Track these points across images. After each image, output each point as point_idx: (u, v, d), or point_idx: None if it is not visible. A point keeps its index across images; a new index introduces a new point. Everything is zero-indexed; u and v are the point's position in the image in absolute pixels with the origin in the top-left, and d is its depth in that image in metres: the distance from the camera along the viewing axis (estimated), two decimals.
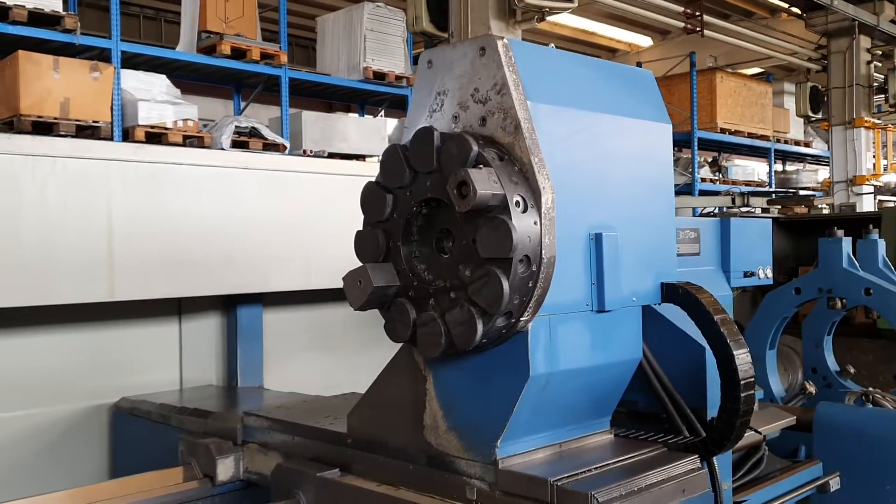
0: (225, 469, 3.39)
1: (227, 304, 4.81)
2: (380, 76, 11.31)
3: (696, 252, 4.60)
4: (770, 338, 6.42)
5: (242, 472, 3.43)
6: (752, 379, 2.78)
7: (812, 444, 5.00)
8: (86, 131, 8.35)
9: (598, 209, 2.69)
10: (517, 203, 2.33)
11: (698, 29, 13.68)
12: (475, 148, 2.36)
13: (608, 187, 2.73)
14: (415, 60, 11.79)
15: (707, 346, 2.91)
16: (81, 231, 3.82)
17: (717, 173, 16.03)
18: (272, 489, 3.13)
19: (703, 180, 15.13)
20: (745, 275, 4.89)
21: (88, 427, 4.22)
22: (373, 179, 2.67)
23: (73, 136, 8.23)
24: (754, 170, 17.66)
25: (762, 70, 21.07)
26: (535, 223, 2.36)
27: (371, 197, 2.64)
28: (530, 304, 2.40)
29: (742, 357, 2.77)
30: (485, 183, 2.28)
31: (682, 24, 13.83)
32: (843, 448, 4.83)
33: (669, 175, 2.99)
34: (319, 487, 2.92)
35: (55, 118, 8.23)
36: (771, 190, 14.58)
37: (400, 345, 2.81)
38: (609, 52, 23.16)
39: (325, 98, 12.45)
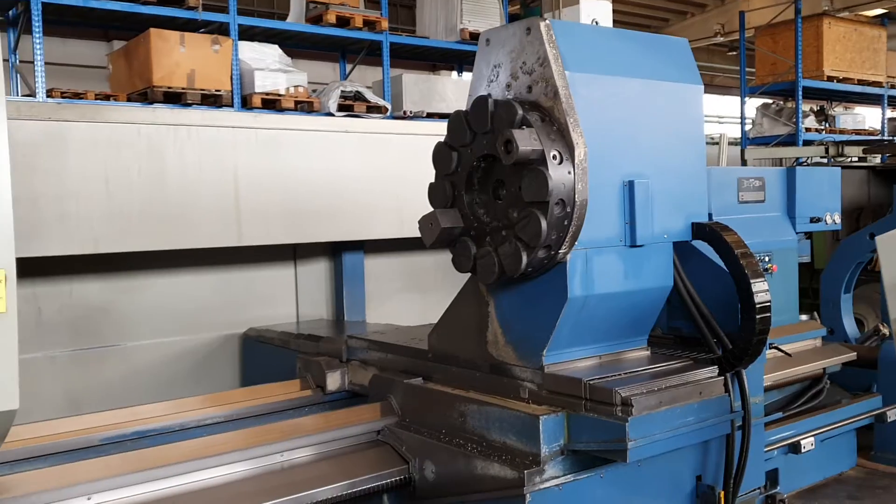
0: (333, 381, 4.14)
1: (334, 251, 5.59)
2: (476, 37, 11.71)
3: (762, 199, 5.00)
4: (845, 282, 6.62)
5: (347, 384, 4.18)
6: (768, 304, 3.23)
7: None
8: (209, 99, 9.22)
9: (632, 160, 3.19)
10: (554, 157, 2.88)
11: None
12: (520, 112, 2.92)
13: (641, 141, 3.23)
14: (510, 19, 12.16)
15: None
16: (214, 188, 4.62)
17: (823, 122, 15.64)
18: (370, 395, 3.86)
19: (808, 130, 14.81)
20: (812, 220, 5.24)
21: (224, 351, 5.13)
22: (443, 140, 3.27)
23: (198, 105, 9.14)
24: (865, 118, 17.08)
25: (886, 10, 20.11)
26: (570, 172, 2.90)
27: (440, 154, 3.26)
28: (566, 239, 2.96)
29: (759, 286, 3.22)
30: (526, 141, 2.84)
31: None
32: None
33: (700, 129, 3.44)
34: (407, 392, 3.61)
35: (183, 88, 9.13)
36: (866, 139, 14.15)
37: (466, 279, 3.43)
38: None
39: (425, 59, 12.99)
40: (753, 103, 15.15)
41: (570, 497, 3.01)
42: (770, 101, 15.32)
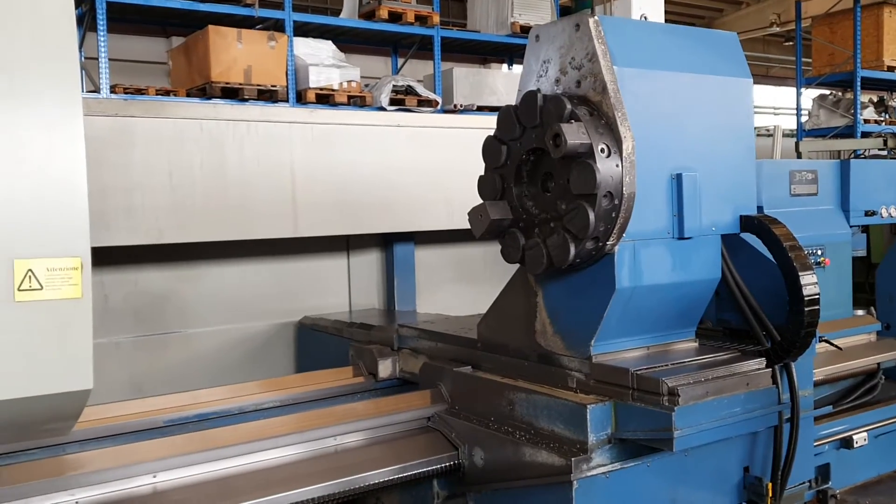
0: (385, 368, 4.26)
1: (386, 242, 5.72)
2: (527, 30, 11.74)
3: (814, 192, 4.97)
4: None
5: (398, 372, 4.29)
6: (817, 297, 3.24)
7: None
8: (265, 94, 9.44)
9: (680, 153, 3.23)
10: (602, 150, 2.93)
11: None
12: (569, 106, 2.97)
13: (689, 135, 3.26)
14: (561, 12, 12.14)
15: None
16: (271, 181, 4.78)
17: (882, 114, 15.26)
18: (420, 382, 3.96)
19: (867, 121, 14.47)
20: (867, 214, 5.19)
21: (279, 338, 5.30)
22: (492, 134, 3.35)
23: (254, 100, 9.37)
24: None
25: None
26: (617, 166, 2.95)
27: (490, 147, 3.33)
28: (614, 231, 3.01)
29: (807, 279, 3.23)
30: (574, 134, 2.90)
31: None
32: None
33: (749, 123, 3.46)
34: (456, 380, 3.71)
35: (240, 84, 9.36)
36: None
37: (515, 270, 3.50)
38: None
39: (476, 53, 13.04)
40: (810, 94, 14.85)
41: (616, 485, 3.06)
42: (827, 92, 14.99)
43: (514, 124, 3.19)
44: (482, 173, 3.42)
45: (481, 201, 3.39)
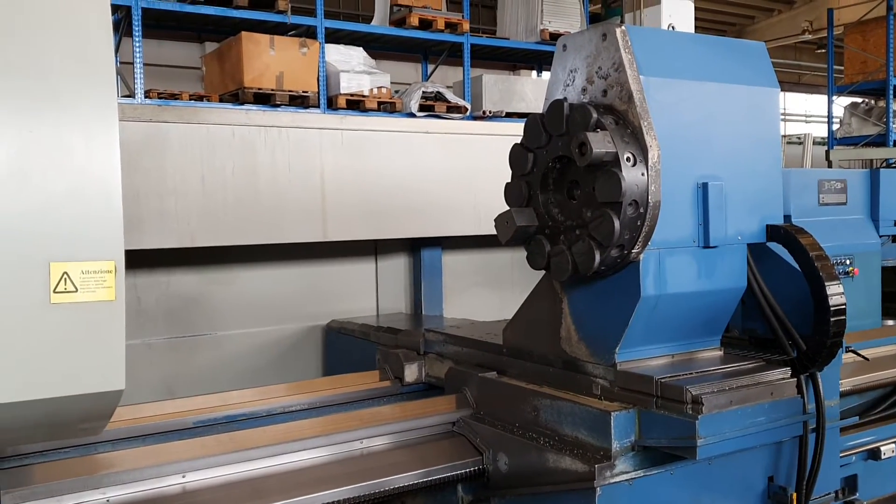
0: (411, 372, 4.30)
1: (413, 247, 5.78)
2: (556, 37, 11.71)
3: (843, 202, 4.94)
4: None
5: (424, 376, 4.33)
6: (843, 307, 3.22)
7: None
8: (296, 100, 9.53)
9: (706, 162, 3.23)
10: (628, 159, 2.95)
11: None
12: (595, 115, 3.00)
13: (715, 144, 3.26)
14: (591, 19, 12.12)
15: None
16: (301, 186, 4.86)
17: None
18: (446, 387, 4.00)
19: None
20: None
21: (307, 341, 5.37)
22: (519, 141, 3.38)
23: (286, 105, 9.47)
24: None
25: None
26: (643, 174, 2.97)
27: (517, 155, 3.37)
28: (639, 239, 3.03)
29: (833, 289, 3.22)
30: (600, 143, 2.92)
31: None
32: None
33: (776, 132, 3.45)
34: (481, 385, 3.73)
35: (272, 90, 9.45)
36: None
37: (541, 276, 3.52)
38: None
39: (505, 60, 13.05)
40: (842, 102, 14.68)
41: (639, 492, 3.07)
42: (859, 100, 14.81)
43: (540, 132, 3.22)
44: (509, 180, 3.44)
45: (508, 208, 3.42)
